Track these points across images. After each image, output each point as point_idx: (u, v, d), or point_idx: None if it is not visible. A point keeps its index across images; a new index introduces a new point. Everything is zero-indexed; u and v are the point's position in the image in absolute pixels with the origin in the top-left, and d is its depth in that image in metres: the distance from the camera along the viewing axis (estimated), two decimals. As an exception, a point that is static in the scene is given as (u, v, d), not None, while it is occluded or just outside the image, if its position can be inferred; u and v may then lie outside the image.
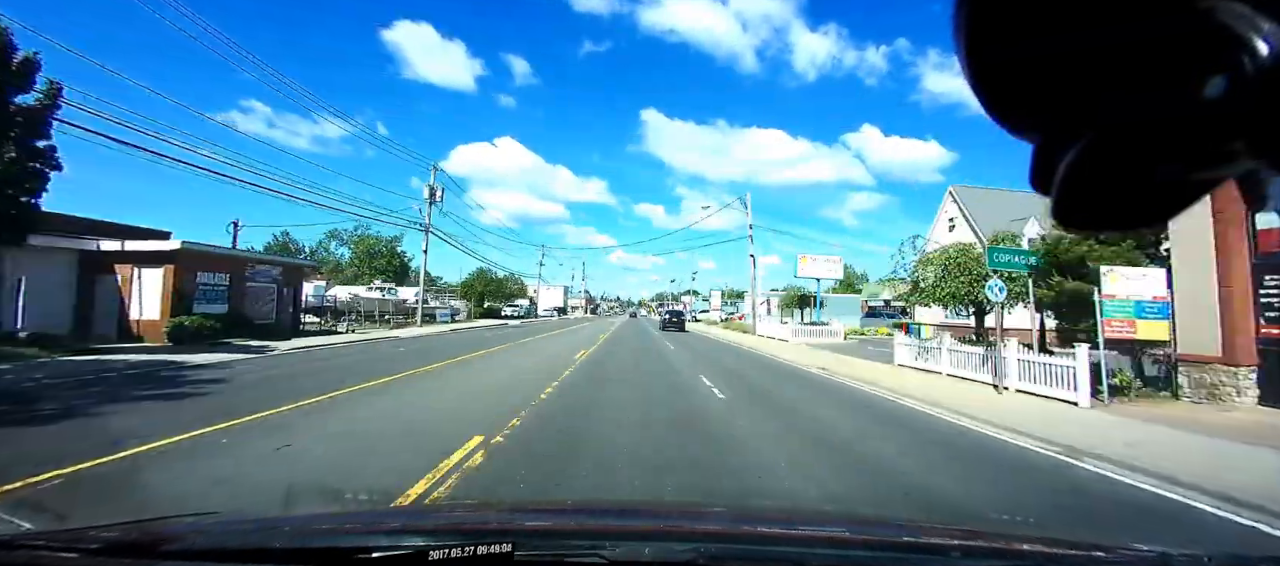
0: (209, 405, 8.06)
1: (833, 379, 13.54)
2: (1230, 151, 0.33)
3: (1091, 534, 4.24)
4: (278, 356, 15.93)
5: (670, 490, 4.82)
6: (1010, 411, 8.97)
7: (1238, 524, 4.44)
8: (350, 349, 19.02)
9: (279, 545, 1.38)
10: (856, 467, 5.81)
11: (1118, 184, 0.36)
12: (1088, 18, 0.33)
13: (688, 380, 12.28)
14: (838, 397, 10.68)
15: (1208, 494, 4.95)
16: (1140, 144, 0.35)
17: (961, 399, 10.12)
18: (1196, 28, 0.31)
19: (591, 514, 2.30)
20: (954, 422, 8.33)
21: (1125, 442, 6.74)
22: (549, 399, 9.20)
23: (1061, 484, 5.43)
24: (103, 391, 9.31)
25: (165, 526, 1.59)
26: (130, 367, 12.44)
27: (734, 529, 1.87)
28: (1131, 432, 7.37)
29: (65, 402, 8.16)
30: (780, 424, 7.87)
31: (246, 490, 4.52)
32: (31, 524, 2.13)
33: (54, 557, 1.28)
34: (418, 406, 8.53)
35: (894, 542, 1.65)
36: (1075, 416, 8.66)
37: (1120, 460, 5.96)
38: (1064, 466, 6.04)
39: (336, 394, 9.22)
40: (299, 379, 11.05)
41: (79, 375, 11.16)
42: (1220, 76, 0.31)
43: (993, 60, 0.36)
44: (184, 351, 15.80)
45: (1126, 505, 4.92)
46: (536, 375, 12.30)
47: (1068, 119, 0.36)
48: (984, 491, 5.16)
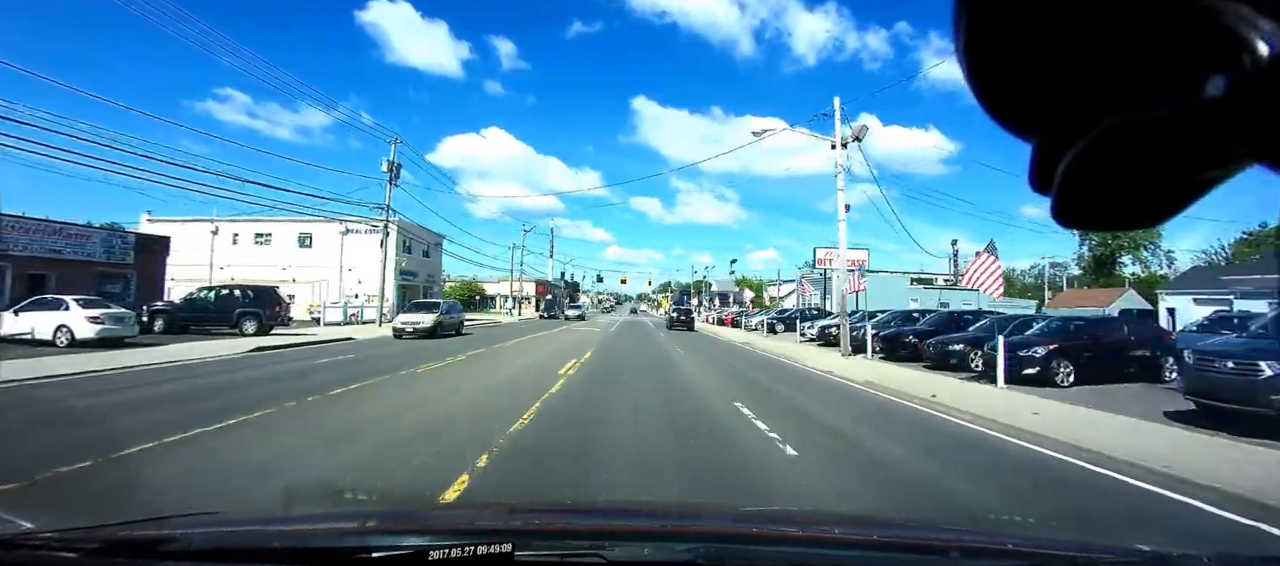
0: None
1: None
2: (1231, 152, 0.33)
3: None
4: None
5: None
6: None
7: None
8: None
9: (279, 545, 1.39)
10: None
11: (1118, 184, 0.36)
12: (1088, 17, 0.33)
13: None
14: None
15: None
16: (1140, 144, 0.35)
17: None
18: (1196, 28, 0.31)
19: (592, 514, 2.31)
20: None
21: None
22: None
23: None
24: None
25: (165, 526, 1.58)
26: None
27: (734, 529, 1.87)
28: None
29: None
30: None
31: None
32: (31, 524, 2.13)
33: (54, 557, 1.28)
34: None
35: (894, 542, 1.66)
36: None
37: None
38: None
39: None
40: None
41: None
42: (1220, 76, 0.31)
43: (992, 59, 0.36)
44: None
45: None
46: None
47: (1068, 119, 0.36)
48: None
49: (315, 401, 8.30)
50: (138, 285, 23.72)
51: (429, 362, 13.60)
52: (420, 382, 10.65)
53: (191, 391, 9.09)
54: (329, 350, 16.62)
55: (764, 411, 8.21)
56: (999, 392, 10.57)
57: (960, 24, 0.35)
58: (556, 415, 7.57)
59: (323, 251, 39.60)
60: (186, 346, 15.75)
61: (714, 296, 76.59)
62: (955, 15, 0.35)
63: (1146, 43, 0.32)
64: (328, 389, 9.30)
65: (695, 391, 10.18)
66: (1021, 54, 0.35)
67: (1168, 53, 0.32)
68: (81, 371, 10.92)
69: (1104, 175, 0.36)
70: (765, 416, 7.75)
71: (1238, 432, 6.89)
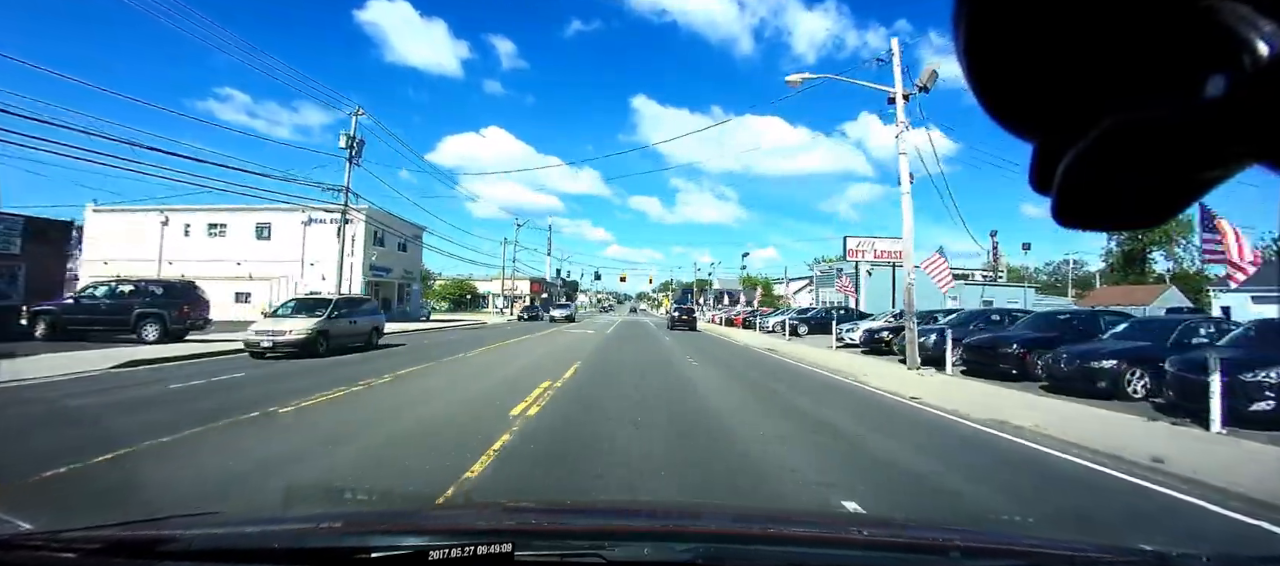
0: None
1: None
2: (1231, 152, 0.33)
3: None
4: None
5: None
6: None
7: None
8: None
9: (279, 545, 1.38)
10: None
11: (1118, 184, 0.37)
12: (1088, 18, 0.33)
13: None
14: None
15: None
16: (1140, 144, 0.35)
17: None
18: (1196, 28, 0.31)
19: (592, 514, 2.30)
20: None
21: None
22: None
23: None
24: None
25: (165, 526, 1.58)
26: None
27: (734, 529, 1.86)
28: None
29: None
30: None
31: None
32: (31, 524, 2.13)
33: (54, 558, 1.28)
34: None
35: (894, 542, 1.66)
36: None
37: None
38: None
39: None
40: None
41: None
42: (1220, 76, 0.31)
43: (993, 60, 0.36)
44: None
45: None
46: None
47: (1068, 119, 0.37)
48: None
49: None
50: (27, 280, 19.35)
51: (242, 413, 6.92)
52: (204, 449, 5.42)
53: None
54: (208, 369, 11.46)
55: (873, 491, 4.57)
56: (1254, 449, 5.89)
57: (960, 25, 0.35)
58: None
59: (283, 243, 34.82)
60: (52, 359, 11.54)
61: (723, 293, 71.50)
62: (955, 16, 0.35)
63: (1147, 43, 0.32)
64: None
65: (746, 456, 5.58)
66: (1022, 54, 0.35)
67: (1168, 53, 0.32)
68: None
69: (1104, 175, 0.37)
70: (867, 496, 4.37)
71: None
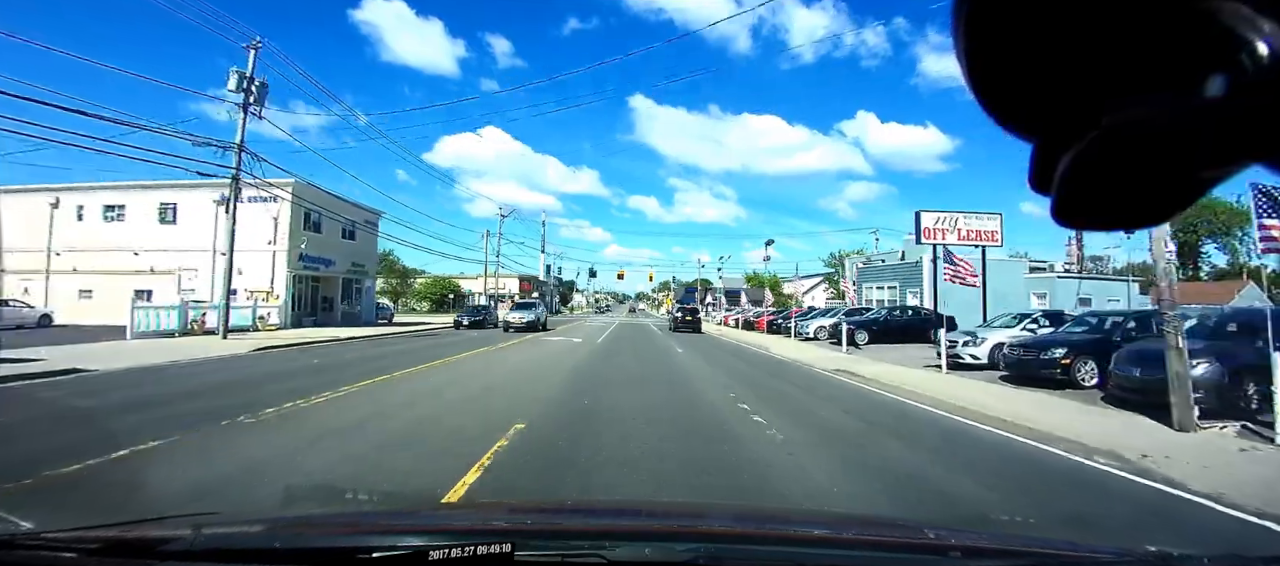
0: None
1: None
2: (1231, 152, 0.33)
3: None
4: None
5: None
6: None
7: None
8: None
9: (279, 545, 1.38)
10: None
11: (1118, 184, 0.37)
12: (1088, 18, 0.33)
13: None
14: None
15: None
16: (1141, 144, 0.35)
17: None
18: (1196, 28, 0.31)
19: (592, 514, 2.30)
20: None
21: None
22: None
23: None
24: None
25: (165, 526, 1.58)
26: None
27: (735, 529, 1.86)
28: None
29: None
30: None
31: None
32: (31, 523, 2.12)
33: (54, 557, 1.28)
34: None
35: (894, 542, 1.66)
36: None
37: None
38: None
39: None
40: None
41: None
42: (1220, 76, 0.31)
43: (992, 60, 0.36)
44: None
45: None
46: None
47: (1068, 119, 0.37)
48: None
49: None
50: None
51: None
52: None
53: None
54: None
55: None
56: None
57: (960, 25, 0.35)
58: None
59: (192, 229, 28.46)
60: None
61: (738, 292, 65.30)
62: (955, 16, 0.35)
63: (1146, 43, 0.32)
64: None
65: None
66: (1021, 55, 0.35)
67: (1168, 53, 0.32)
68: None
69: (1104, 175, 0.36)
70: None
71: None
